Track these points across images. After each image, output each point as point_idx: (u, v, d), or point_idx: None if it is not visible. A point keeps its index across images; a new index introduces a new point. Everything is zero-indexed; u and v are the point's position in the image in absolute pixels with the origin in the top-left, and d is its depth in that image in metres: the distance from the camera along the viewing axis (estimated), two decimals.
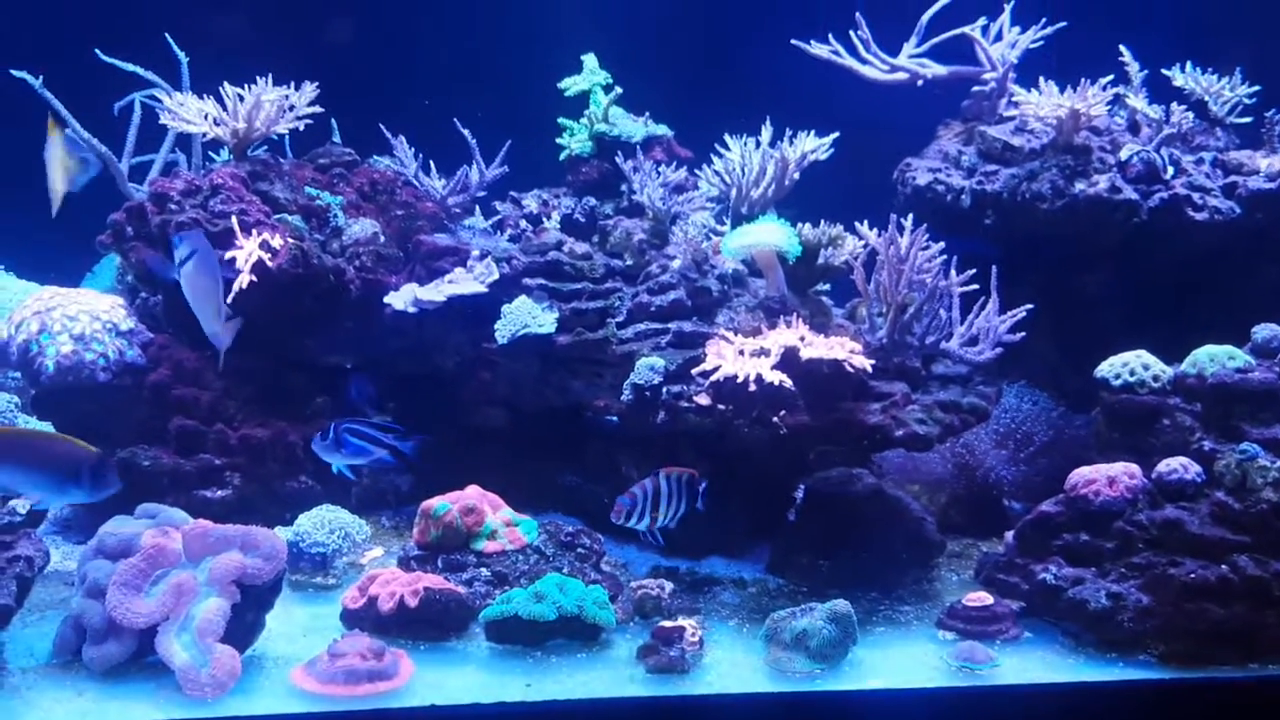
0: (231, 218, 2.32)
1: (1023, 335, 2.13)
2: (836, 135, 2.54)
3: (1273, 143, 2.64)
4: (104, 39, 2.68)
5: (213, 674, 1.57)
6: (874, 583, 2.04)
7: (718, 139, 2.61)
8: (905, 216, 2.13)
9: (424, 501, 2.05)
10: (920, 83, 2.74)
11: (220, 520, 1.78)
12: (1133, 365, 2.14)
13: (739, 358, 2.00)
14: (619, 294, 2.41)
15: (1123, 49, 2.74)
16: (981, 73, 2.78)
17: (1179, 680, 1.71)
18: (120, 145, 2.63)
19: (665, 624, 1.77)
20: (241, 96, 2.52)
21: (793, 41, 2.74)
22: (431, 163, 2.83)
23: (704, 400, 2.04)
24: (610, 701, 1.62)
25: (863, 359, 1.98)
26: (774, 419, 2.00)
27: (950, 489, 2.44)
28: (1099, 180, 2.49)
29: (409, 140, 2.80)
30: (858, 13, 2.71)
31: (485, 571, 1.95)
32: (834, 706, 1.67)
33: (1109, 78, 2.57)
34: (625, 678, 1.70)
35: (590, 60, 2.84)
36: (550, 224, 2.66)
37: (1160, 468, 1.90)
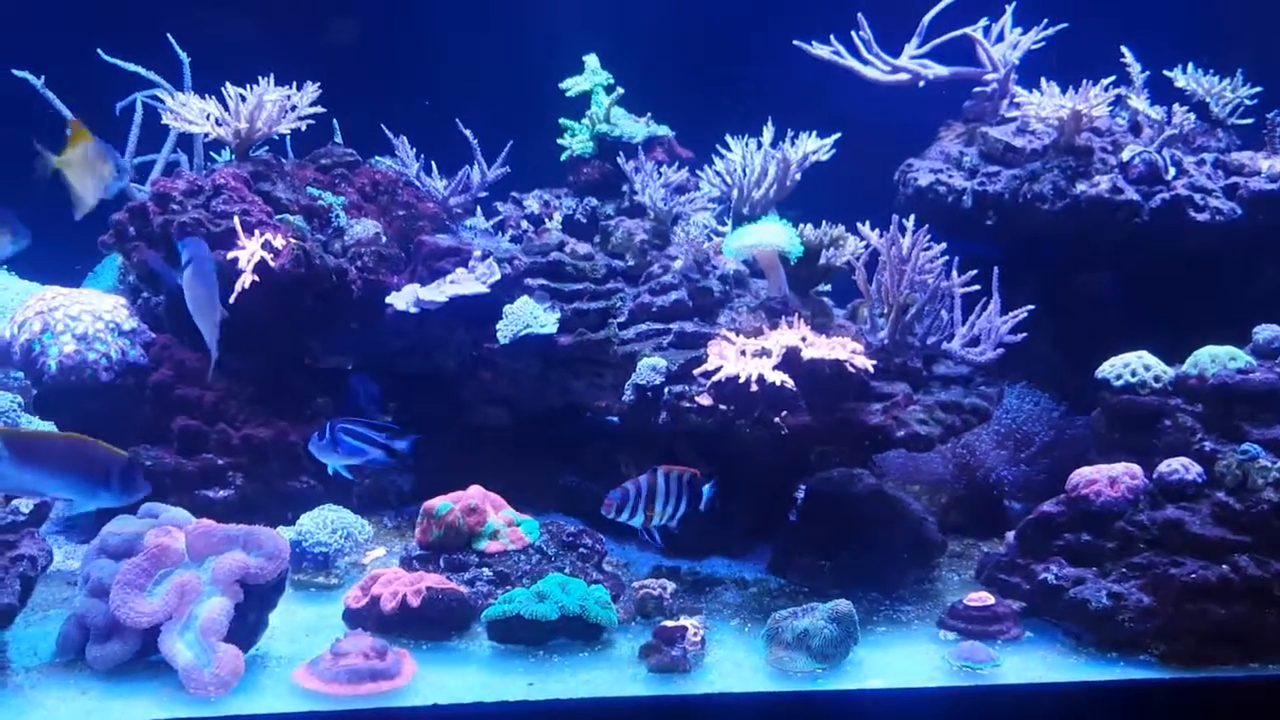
0: (234, 218, 2.33)
1: (1024, 336, 2.14)
2: (838, 136, 2.54)
3: (1274, 144, 2.65)
4: (106, 39, 2.69)
5: (216, 673, 1.57)
6: (875, 583, 2.05)
7: (719, 139, 2.61)
8: (907, 217, 2.13)
9: (426, 501, 2.05)
10: (922, 83, 2.74)
11: (223, 520, 1.78)
12: (1134, 366, 2.15)
13: (740, 358, 2.00)
14: (621, 294, 2.41)
15: (1124, 50, 2.74)
16: (983, 74, 2.78)
17: (1180, 680, 1.72)
18: (122, 145, 2.64)
19: (667, 623, 1.77)
20: (243, 97, 2.52)
21: (794, 42, 2.74)
22: (433, 163, 2.84)
23: (705, 400, 2.05)
24: (612, 701, 1.63)
25: (864, 359, 1.99)
26: (775, 419, 2.01)
27: (951, 489, 2.44)
28: (1101, 181, 2.49)
29: (410, 141, 2.81)
30: (859, 13, 2.71)
31: (487, 571, 1.96)
32: (835, 706, 1.67)
33: (1111, 79, 2.58)
34: (627, 677, 1.70)
35: (592, 61, 2.84)
36: (552, 224, 2.66)
37: (1161, 468, 1.90)
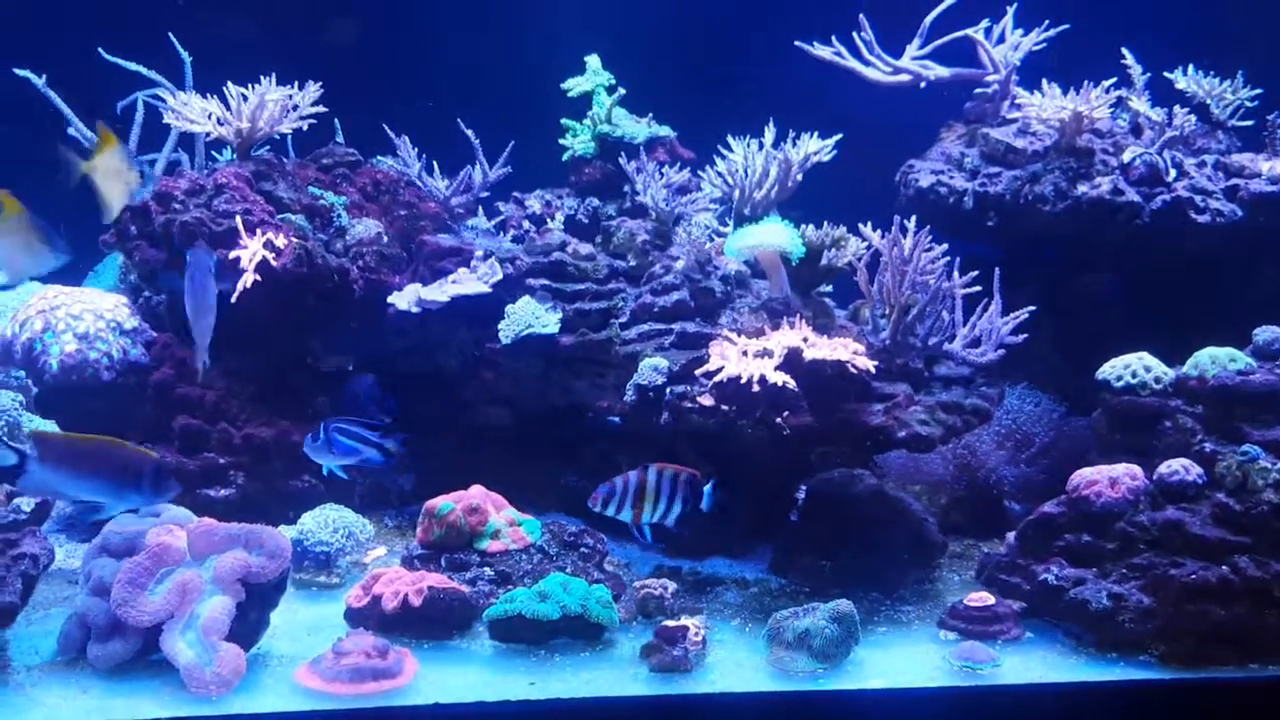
0: (236, 217, 2.33)
1: (1025, 337, 2.14)
2: (840, 137, 2.54)
3: (1274, 145, 2.65)
4: (107, 38, 2.69)
5: (218, 672, 1.57)
6: (876, 583, 2.05)
7: (720, 140, 2.62)
8: (908, 218, 2.14)
9: (428, 501, 2.05)
10: (923, 84, 2.74)
11: (224, 519, 1.78)
12: (1134, 367, 2.15)
13: (742, 359, 2.00)
14: (622, 295, 2.42)
15: (1125, 52, 2.75)
16: (984, 75, 2.79)
17: (1180, 681, 1.72)
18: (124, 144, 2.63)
19: (668, 623, 1.77)
20: (245, 96, 2.52)
21: (796, 43, 2.74)
22: (435, 163, 2.84)
23: (707, 401, 2.05)
24: (614, 700, 1.63)
25: (866, 360, 1.99)
26: (777, 420, 2.01)
27: (951, 490, 2.44)
28: (1101, 182, 2.49)
29: (412, 140, 2.81)
30: (861, 14, 2.71)
31: (489, 571, 1.96)
32: (836, 706, 1.67)
33: (1111, 80, 2.58)
34: (629, 676, 1.70)
35: (593, 61, 2.84)
36: (554, 225, 2.66)
37: (1161, 469, 1.90)
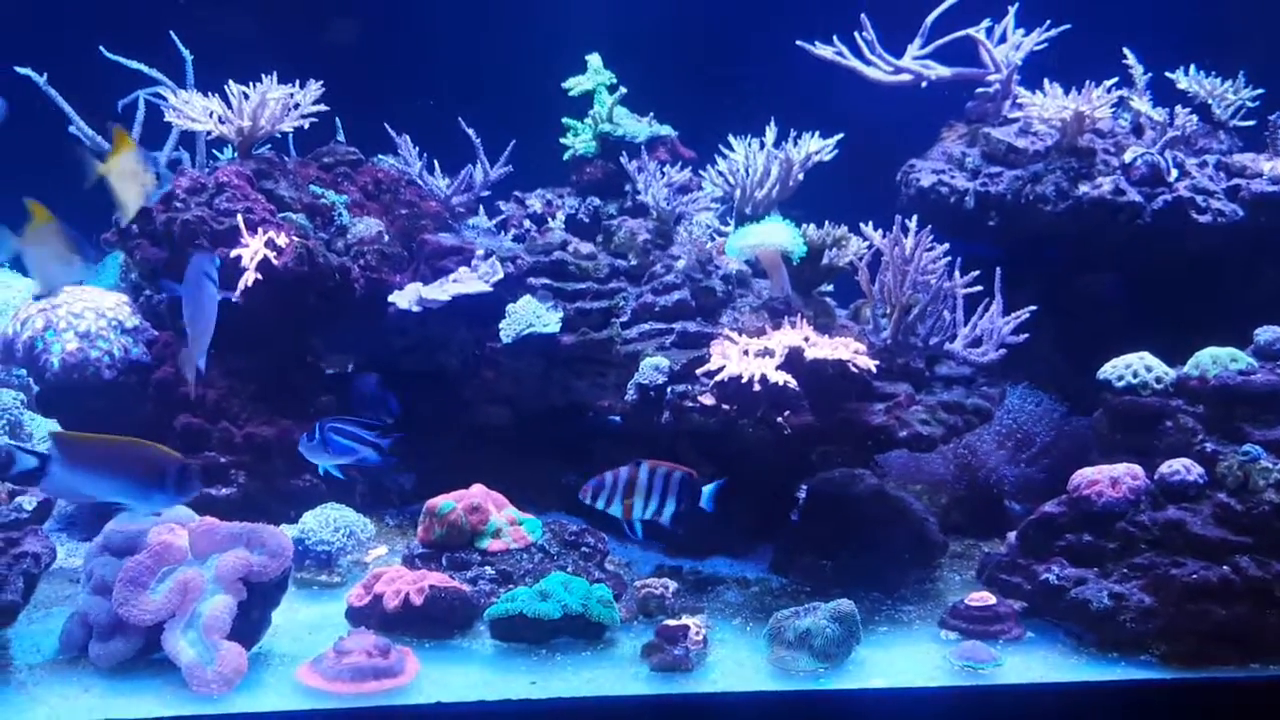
0: (237, 216, 2.33)
1: (1026, 337, 2.14)
2: (841, 136, 2.54)
3: (1275, 145, 2.65)
4: (108, 37, 2.68)
5: (219, 671, 1.58)
6: (877, 583, 2.05)
7: (722, 139, 2.62)
8: (909, 218, 2.14)
9: (429, 500, 2.05)
10: (924, 84, 2.74)
11: (225, 518, 1.78)
12: (1135, 367, 2.15)
13: (743, 358, 2.00)
14: (623, 294, 2.42)
15: (1126, 52, 2.74)
16: (986, 74, 2.78)
17: (1181, 680, 1.72)
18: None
19: (669, 622, 1.77)
20: (247, 95, 2.52)
21: (797, 42, 2.74)
22: (436, 162, 2.84)
23: (708, 400, 2.05)
24: (615, 699, 1.63)
25: (867, 360, 1.99)
26: (778, 419, 2.01)
27: (952, 489, 2.44)
28: (1103, 182, 2.49)
29: (413, 139, 2.81)
30: (863, 14, 2.71)
31: (490, 570, 1.96)
32: (837, 705, 1.67)
33: (1113, 80, 2.58)
34: (630, 676, 1.70)
35: (595, 60, 2.84)
36: (554, 224, 2.66)
37: (1162, 469, 1.91)
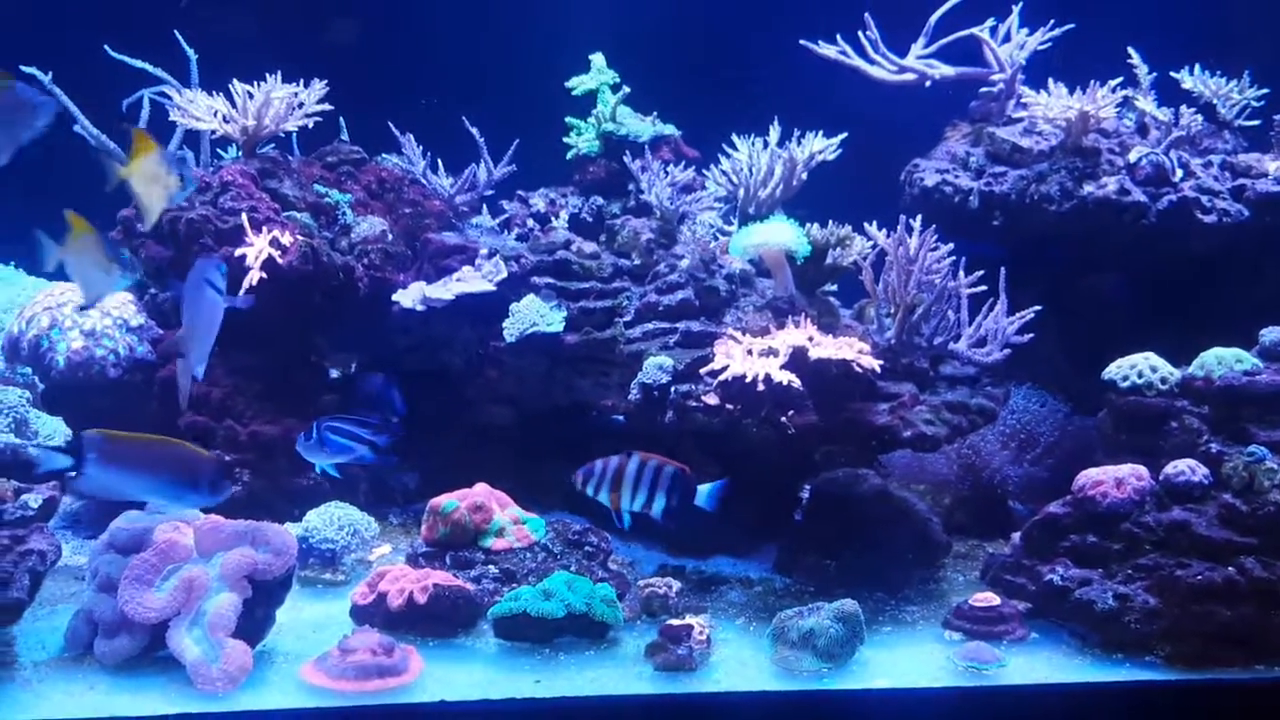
0: (241, 215, 2.33)
1: (1031, 337, 2.14)
2: (844, 136, 2.54)
3: None
4: (113, 36, 2.69)
5: (224, 669, 1.58)
6: (880, 583, 2.05)
7: (725, 139, 2.61)
8: (913, 217, 2.13)
9: (432, 499, 2.05)
10: (928, 83, 2.74)
11: (230, 516, 1.78)
12: (1140, 367, 2.15)
13: (747, 357, 2.00)
14: (627, 293, 2.42)
15: (1131, 51, 2.74)
16: (990, 74, 2.78)
17: (1185, 682, 1.72)
18: (128, 142, 2.63)
19: (673, 622, 1.77)
20: (251, 94, 2.53)
21: (801, 41, 2.74)
22: (440, 161, 2.84)
23: (712, 400, 2.05)
24: (619, 699, 1.63)
25: (871, 359, 1.99)
26: (782, 419, 2.01)
27: (956, 489, 2.44)
28: (1108, 182, 2.49)
29: (417, 139, 2.81)
30: (866, 14, 2.71)
31: (493, 569, 1.96)
32: (841, 705, 1.67)
33: (1118, 80, 2.57)
34: (633, 675, 1.70)
35: (598, 59, 2.84)
36: (558, 223, 2.66)
37: (1168, 470, 1.90)
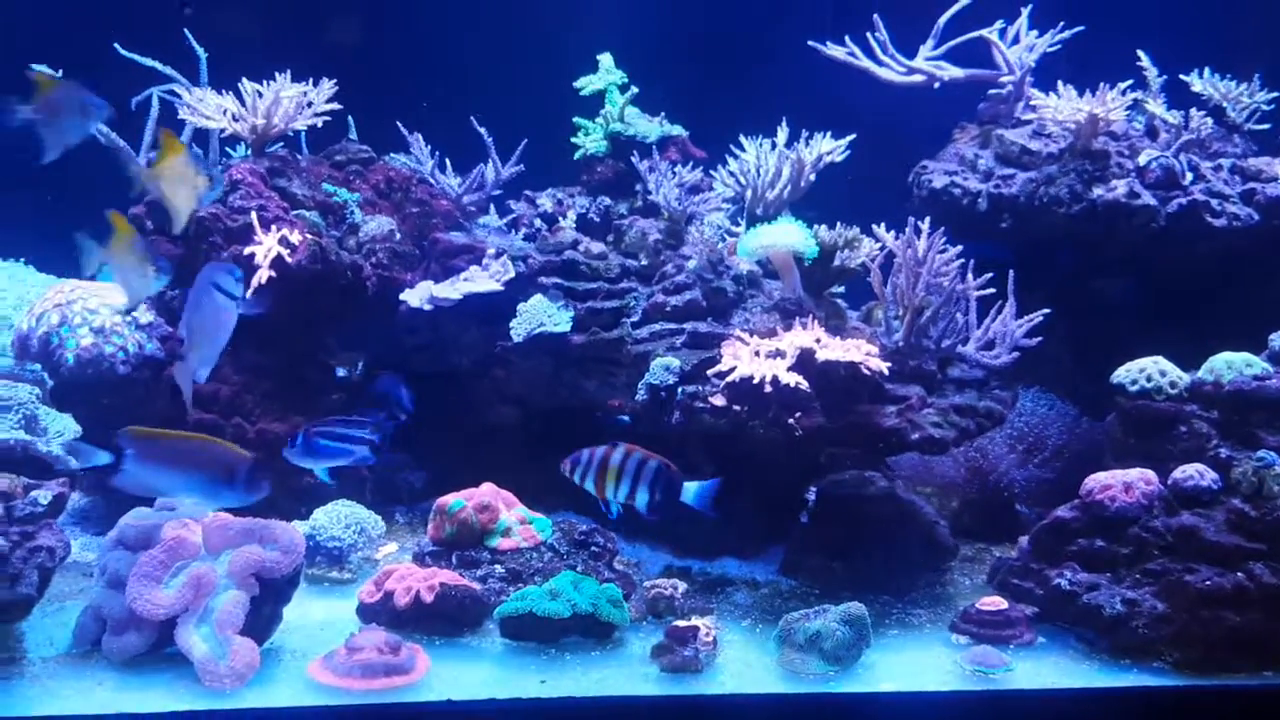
0: (251, 213, 2.34)
1: (1039, 340, 2.13)
2: (853, 137, 2.54)
3: None
4: (122, 34, 2.70)
5: (231, 666, 1.58)
6: (887, 586, 2.05)
7: (733, 140, 2.61)
8: (921, 219, 2.13)
9: (439, 498, 2.06)
10: (937, 85, 2.73)
11: (238, 514, 1.79)
12: (1150, 371, 2.14)
13: (754, 359, 2.00)
14: (634, 294, 2.42)
15: (1141, 54, 2.73)
16: (999, 76, 2.77)
17: (1193, 687, 1.71)
18: (137, 140, 2.65)
19: (679, 623, 1.77)
20: (261, 93, 2.53)
21: (809, 43, 2.74)
22: (447, 161, 2.84)
23: (719, 401, 2.05)
24: (626, 700, 1.63)
25: (879, 362, 1.98)
26: (789, 421, 2.00)
27: (963, 492, 2.43)
28: (1117, 185, 2.48)
29: (425, 139, 2.81)
30: (875, 15, 2.71)
31: (499, 568, 1.96)
32: (848, 709, 1.67)
33: (1128, 83, 2.57)
34: (639, 676, 1.70)
35: (606, 60, 2.84)
36: (565, 223, 2.67)
37: (1176, 474, 1.90)
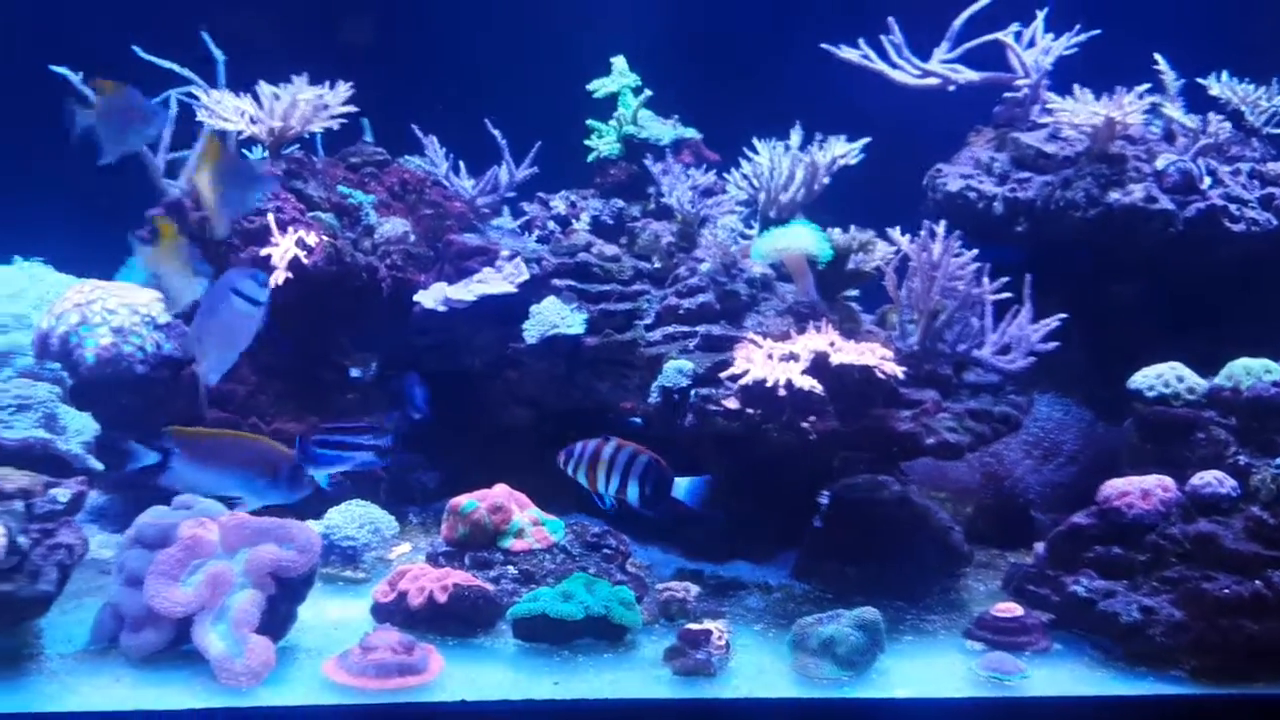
0: (267, 215, 2.36)
1: (1056, 345, 2.12)
2: (868, 141, 2.53)
3: None
4: (140, 36, 2.72)
5: (247, 664, 1.59)
6: (900, 591, 2.04)
7: (746, 142, 2.61)
8: (936, 223, 2.12)
9: (452, 499, 2.06)
10: (952, 88, 2.72)
11: (253, 513, 1.80)
12: (1167, 377, 2.12)
13: (768, 362, 2.00)
14: (647, 296, 2.42)
15: (1158, 57, 2.71)
16: (1014, 79, 2.76)
17: (1211, 696, 1.70)
18: (155, 141, 2.67)
19: (692, 626, 1.77)
20: (278, 95, 2.55)
21: (823, 45, 2.73)
22: (461, 163, 2.85)
23: (732, 404, 2.05)
24: (638, 702, 1.63)
25: (894, 365, 1.98)
26: (803, 424, 2.00)
27: (977, 498, 2.42)
28: (1134, 190, 2.46)
29: (439, 140, 2.82)
30: (890, 17, 2.70)
31: (512, 569, 1.97)
32: (862, 714, 1.66)
33: (1145, 86, 2.55)
34: (652, 679, 1.70)
35: (619, 62, 2.85)
36: (578, 225, 2.67)
37: (1194, 481, 1.88)
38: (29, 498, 1.73)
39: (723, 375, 2.05)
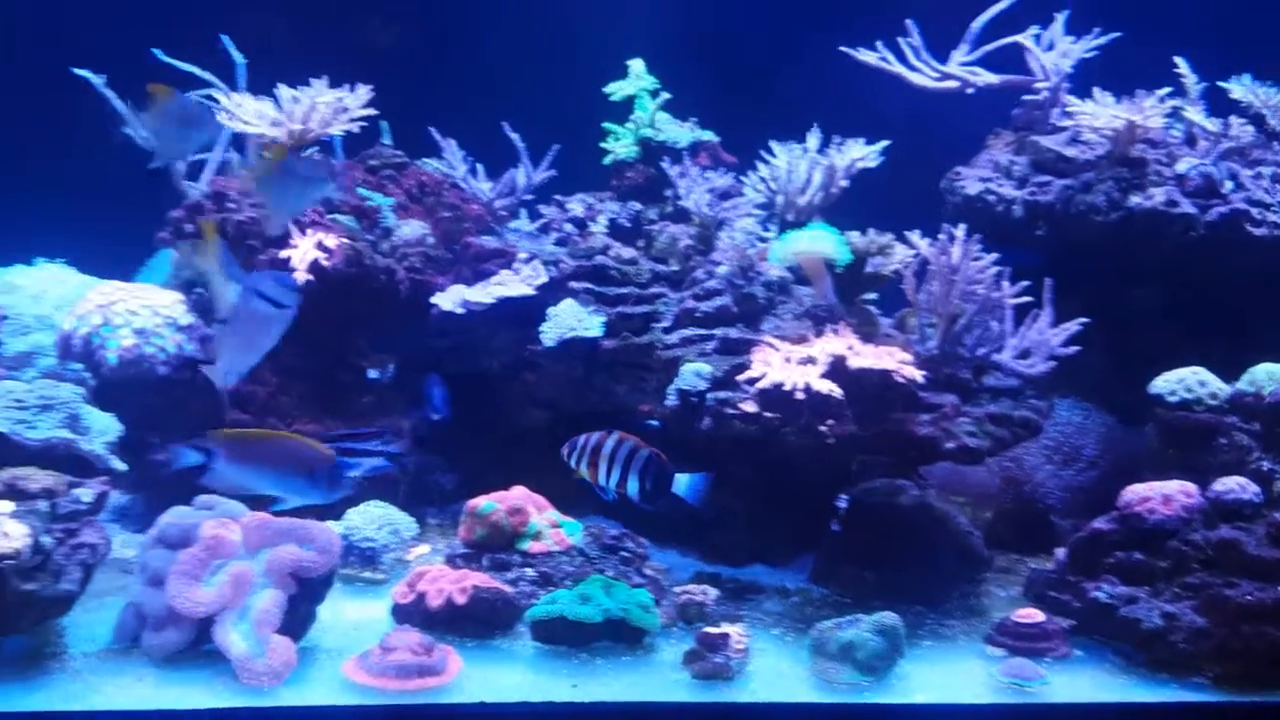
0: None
1: (1076, 349, 2.10)
2: (886, 144, 2.52)
3: None
4: (160, 39, 2.75)
5: (269, 664, 1.60)
6: (920, 596, 2.03)
7: (764, 145, 2.61)
8: (955, 226, 2.11)
9: (470, 500, 2.07)
10: (971, 91, 2.71)
11: (272, 514, 1.81)
12: (1189, 382, 2.11)
13: (786, 365, 2.00)
14: (664, 299, 2.42)
15: (1179, 60, 2.69)
16: (1033, 82, 2.75)
17: (1233, 704, 1.68)
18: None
19: (710, 630, 1.77)
20: (298, 98, 2.57)
21: (841, 48, 2.73)
22: (479, 166, 2.86)
23: (750, 407, 2.04)
24: (657, 705, 1.63)
25: (913, 369, 1.97)
26: (821, 428, 2.00)
27: (997, 503, 2.41)
28: (1155, 193, 2.45)
29: (458, 143, 2.83)
30: (909, 20, 2.69)
31: (530, 571, 1.97)
32: None
33: (1166, 89, 2.53)
34: (670, 682, 1.70)
35: (637, 65, 2.85)
36: (596, 228, 2.68)
37: (1217, 487, 1.86)
38: (53, 497, 1.75)
39: (740, 379, 2.05)
